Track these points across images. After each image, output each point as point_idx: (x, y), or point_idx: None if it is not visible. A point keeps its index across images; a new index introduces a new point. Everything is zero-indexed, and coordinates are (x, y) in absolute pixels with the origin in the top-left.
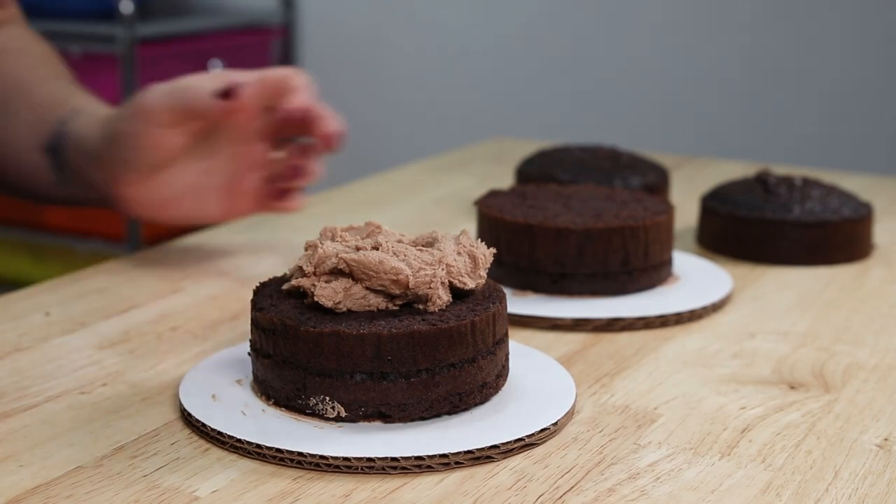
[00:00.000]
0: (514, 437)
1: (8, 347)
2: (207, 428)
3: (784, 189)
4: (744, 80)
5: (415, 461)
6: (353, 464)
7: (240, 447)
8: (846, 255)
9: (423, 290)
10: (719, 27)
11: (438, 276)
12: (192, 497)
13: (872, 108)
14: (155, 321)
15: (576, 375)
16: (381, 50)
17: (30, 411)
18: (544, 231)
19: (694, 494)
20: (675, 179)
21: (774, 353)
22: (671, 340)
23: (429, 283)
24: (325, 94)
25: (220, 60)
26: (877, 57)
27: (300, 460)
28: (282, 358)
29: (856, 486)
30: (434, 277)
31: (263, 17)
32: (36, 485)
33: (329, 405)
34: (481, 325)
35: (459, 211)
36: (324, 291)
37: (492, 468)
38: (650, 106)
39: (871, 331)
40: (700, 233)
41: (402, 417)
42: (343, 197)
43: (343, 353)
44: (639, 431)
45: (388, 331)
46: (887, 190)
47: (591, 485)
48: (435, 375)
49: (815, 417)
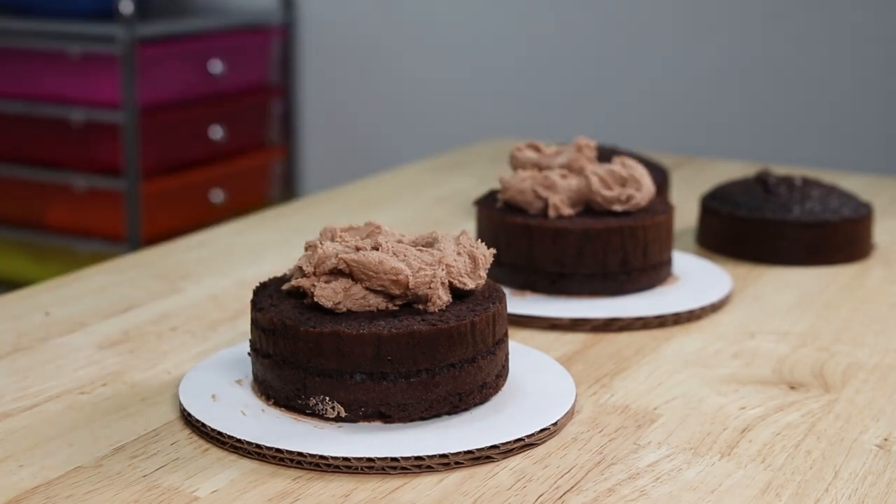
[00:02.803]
0: (514, 437)
1: (8, 347)
2: (207, 428)
3: (784, 189)
4: (744, 80)
5: (415, 461)
6: (352, 464)
7: (240, 447)
8: (846, 255)
9: (423, 290)
10: (719, 27)
11: (438, 276)
12: (192, 497)
13: (872, 108)
14: (155, 321)
15: (576, 375)
16: (381, 50)
17: (30, 411)
18: (543, 231)
19: (694, 494)
20: (675, 179)
21: (774, 353)
22: (671, 340)
23: (428, 283)
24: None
25: (220, 60)
26: (877, 57)
27: (300, 460)
28: (282, 358)
29: (856, 486)
30: (434, 278)
31: (263, 17)
32: (36, 485)
33: (329, 405)
34: (481, 325)
35: (459, 211)
36: (323, 292)
37: (492, 468)
38: (650, 106)
39: (871, 331)
40: (700, 233)
41: (401, 417)
42: (343, 197)
43: (343, 353)
44: (639, 431)
45: (388, 331)
46: (887, 190)
47: (591, 485)
48: (435, 375)
49: (814, 417)
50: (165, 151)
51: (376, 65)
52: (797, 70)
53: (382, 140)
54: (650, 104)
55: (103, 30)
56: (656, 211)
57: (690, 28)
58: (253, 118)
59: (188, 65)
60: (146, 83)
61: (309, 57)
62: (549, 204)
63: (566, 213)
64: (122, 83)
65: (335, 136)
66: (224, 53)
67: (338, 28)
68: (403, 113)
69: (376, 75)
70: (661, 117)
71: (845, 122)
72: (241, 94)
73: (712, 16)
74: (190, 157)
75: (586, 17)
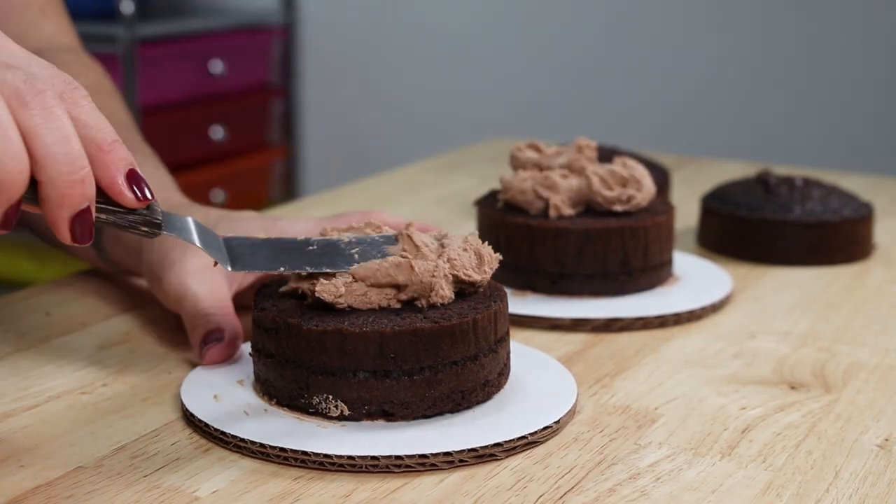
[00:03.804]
0: (518, 434)
1: (8, 347)
2: (210, 428)
3: (785, 189)
4: (744, 80)
5: (419, 459)
6: (356, 462)
7: (243, 447)
8: (847, 255)
9: (427, 278)
10: (720, 28)
11: (441, 266)
12: (193, 497)
13: (872, 108)
14: (155, 321)
15: (576, 376)
16: (382, 50)
17: (30, 411)
18: (544, 231)
19: (694, 495)
20: (676, 179)
21: (775, 353)
22: (672, 341)
23: (432, 272)
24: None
25: (220, 60)
26: (877, 57)
27: (304, 459)
28: (284, 357)
29: (856, 486)
30: (437, 268)
31: (263, 17)
32: (36, 485)
33: (332, 404)
34: (483, 322)
35: (459, 211)
36: (325, 287)
37: (492, 468)
38: (650, 106)
39: (872, 331)
40: (700, 233)
41: (405, 415)
42: (343, 197)
43: (346, 351)
44: (639, 432)
45: (391, 328)
46: (888, 190)
47: (591, 485)
48: (437, 373)
49: (815, 418)
50: (166, 151)
51: (376, 65)
52: (798, 70)
53: (382, 140)
54: (651, 104)
55: (104, 30)
56: (657, 211)
57: (691, 28)
58: (253, 118)
59: (188, 65)
60: (146, 83)
61: (309, 57)
62: (550, 204)
63: (567, 214)
64: (123, 83)
65: (335, 136)
66: (224, 53)
67: (338, 28)
68: (403, 113)
69: (376, 75)
70: (661, 117)
71: (845, 122)
72: (242, 95)
73: (713, 16)
74: (190, 157)
75: (587, 18)
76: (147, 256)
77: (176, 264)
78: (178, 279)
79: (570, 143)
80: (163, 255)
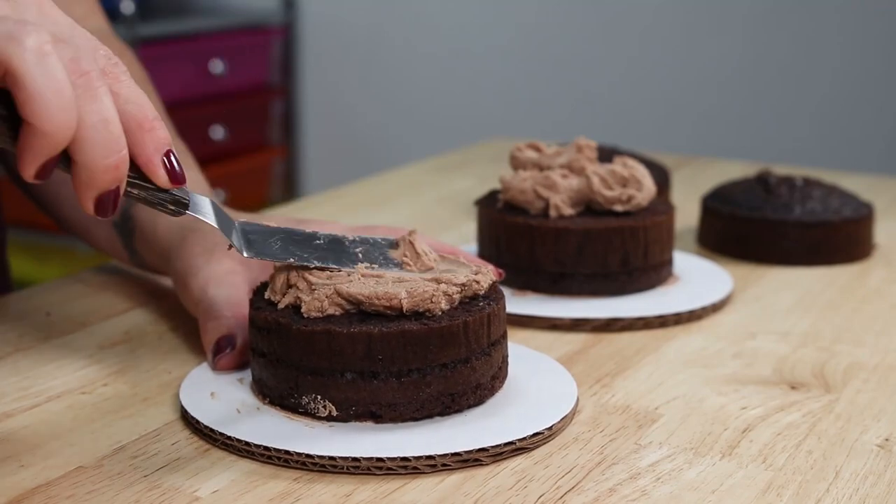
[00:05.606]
0: (505, 440)
1: (9, 347)
2: (201, 425)
3: (785, 189)
4: (744, 80)
5: (400, 462)
6: (338, 463)
7: (230, 444)
8: (847, 255)
9: (425, 306)
10: (719, 27)
11: (440, 290)
12: (193, 497)
13: (872, 108)
14: (155, 321)
15: (576, 375)
16: (382, 50)
17: (31, 411)
18: (544, 231)
19: (695, 494)
20: (676, 179)
21: (775, 353)
22: (672, 341)
23: (430, 298)
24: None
25: (220, 60)
26: (877, 57)
27: (287, 458)
28: (276, 356)
29: (856, 486)
30: (436, 292)
31: (263, 17)
32: (37, 485)
33: (321, 404)
34: (475, 325)
35: (460, 211)
36: (311, 305)
37: (493, 468)
38: (650, 106)
39: (872, 331)
40: (701, 233)
41: (392, 417)
42: (343, 197)
43: (334, 352)
44: (640, 431)
45: (379, 329)
46: (888, 190)
47: (591, 485)
48: (426, 375)
49: (815, 417)
50: None
51: (376, 65)
52: (798, 70)
53: (382, 140)
54: (651, 104)
55: None
56: (657, 211)
57: (692, 28)
58: (253, 118)
59: (189, 65)
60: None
61: (309, 57)
62: (550, 204)
63: (567, 213)
64: None
65: (335, 136)
66: (225, 53)
67: (338, 28)
68: (403, 113)
69: (376, 75)
70: (661, 117)
71: (846, 122)
72: (242, 94)
73: (713, 16)
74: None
75: (587, 18)
76: (174, 265)
77: (200, 271)
78: (199, 284)
79: (570, 143)
80: (189, 263)
